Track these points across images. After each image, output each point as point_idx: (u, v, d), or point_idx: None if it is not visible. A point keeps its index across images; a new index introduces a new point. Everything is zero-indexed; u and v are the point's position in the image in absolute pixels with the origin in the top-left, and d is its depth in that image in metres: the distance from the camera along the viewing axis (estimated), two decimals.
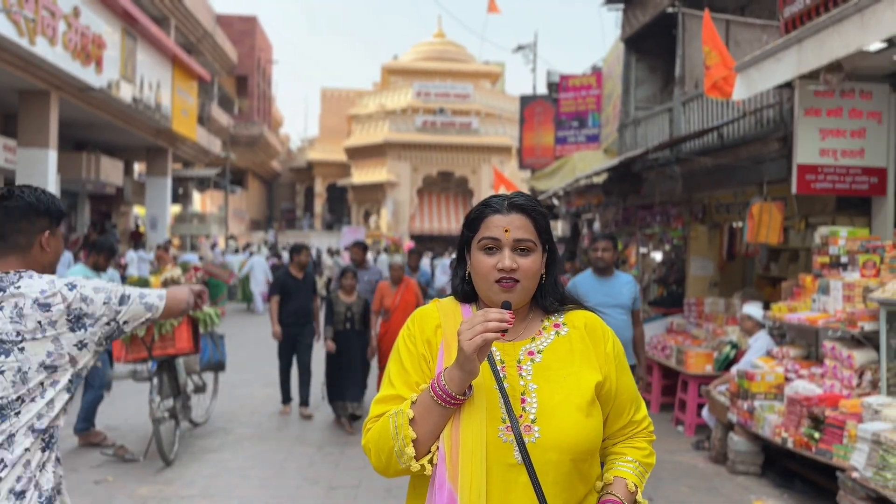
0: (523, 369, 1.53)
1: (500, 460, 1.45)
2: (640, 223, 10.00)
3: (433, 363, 1.56)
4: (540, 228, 1.57)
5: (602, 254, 4.79)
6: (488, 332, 1.38)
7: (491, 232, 1.54)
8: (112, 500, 4.72)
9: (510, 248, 1.53)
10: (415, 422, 1.45)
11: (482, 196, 34.06)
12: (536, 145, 16.14)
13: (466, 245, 1.61)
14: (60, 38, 12.37)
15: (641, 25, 10.28)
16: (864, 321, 4.71)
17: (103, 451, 5.68)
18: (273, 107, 41.32)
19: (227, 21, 31.06)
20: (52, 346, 1.89)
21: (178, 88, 19.83)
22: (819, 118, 6.01)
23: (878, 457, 4.06)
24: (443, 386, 1.43)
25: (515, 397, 1.50)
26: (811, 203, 6.84)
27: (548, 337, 1.58)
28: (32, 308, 1.87)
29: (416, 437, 1.45)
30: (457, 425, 1.45)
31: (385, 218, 36.13)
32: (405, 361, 1.57)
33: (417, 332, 1.59)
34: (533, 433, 1.46)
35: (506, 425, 1.46)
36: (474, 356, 1.39)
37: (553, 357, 1.55)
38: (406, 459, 1.45)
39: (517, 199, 1.58)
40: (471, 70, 40.47)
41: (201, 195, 32.47)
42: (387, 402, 1.54)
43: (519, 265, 1.52)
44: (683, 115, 8.73)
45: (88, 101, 14.96)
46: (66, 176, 15.60)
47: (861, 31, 4.63)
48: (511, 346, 1.56)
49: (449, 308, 1.62)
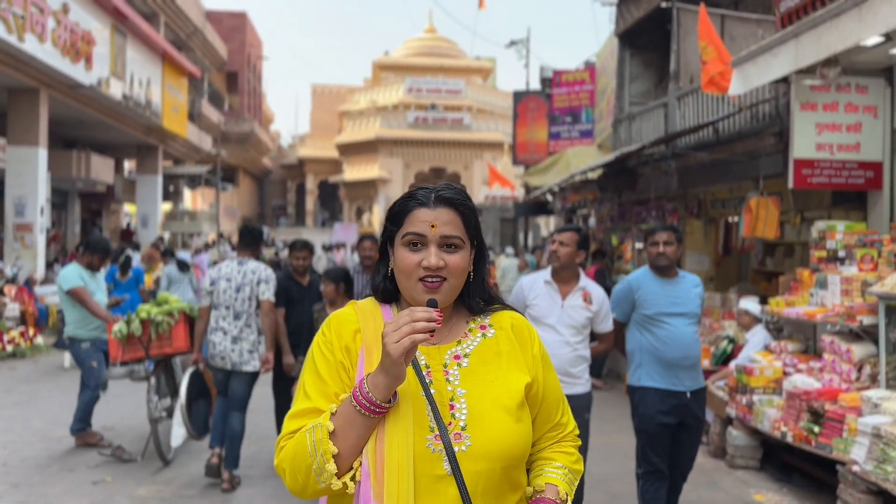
0: (450, 374, 1.43)
1: (427, 472, 1.34)
2: (635, 219, 10.02)
3: (353, 371, 1.43)
4: (468, 224, 1.47)
5: (664, 248, 3.88)
6: (416, 332, 1.29)
7: (416, 227, 1.43)
8: (111, 501, 4.68)
9: (437, 244, 1.42)
10: (335, 435, 1.33)
11: (475, 192, 34.07)
12: (530, 141, 16.14)
13: (389, 240, 1.50)
14: (50, 35, 12.26)
15: (635, 20, 10.28)
16: (862, 315, 4.73)
17: (101, 451, 5.63)
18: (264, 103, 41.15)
19: (216, 17, 30.90)
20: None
21: (168, 85, 19.71)
22: (815, 113, 6.02)
23: (878, 450, 4.08)
24: (366, 394, 1.32)
25: (443, 404, 1.39)
26: (807, 198, 6.86)
27: (474, 339, 1.49)
28: (252, 274, 4.96)
29: (337, 451, 1.32)
30: (381, 437, 1.34)
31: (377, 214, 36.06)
32: (322, 371, 1.43)
33: (334, 338, 1.46)
34: (463, 441, 1.37)
35: (434, 434, 1.36)
36: (401, 360, 1.29)
37: (480, 360, 1.46)
38: (326, 477, 1.32)
39: (445, 192, 1.47)
40: (462, 66, 40.44)
41: (192, 192, 32.31)
42: (303, 416, 1.40)
43: (446, 263, 1.42)
44: (678, 111, 8.74)
45: (78, 99, 14.85)
46: (56, 174, 15.48)
47: (859, 26, 4.64)
48: (436, 349, 1.46)
49: (368, 310, 1.50)
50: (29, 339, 10.28)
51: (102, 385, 5.96)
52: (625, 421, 7.06)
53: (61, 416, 6.61)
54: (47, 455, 5.64)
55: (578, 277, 3.98)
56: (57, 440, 6.01)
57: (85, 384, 5.92)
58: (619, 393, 8.41)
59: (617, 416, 7.19)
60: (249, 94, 35.31)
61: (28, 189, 13.32)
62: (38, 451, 5.75)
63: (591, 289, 3.99)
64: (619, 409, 7.61)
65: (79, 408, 5.87)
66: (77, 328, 5.91)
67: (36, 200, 13.36)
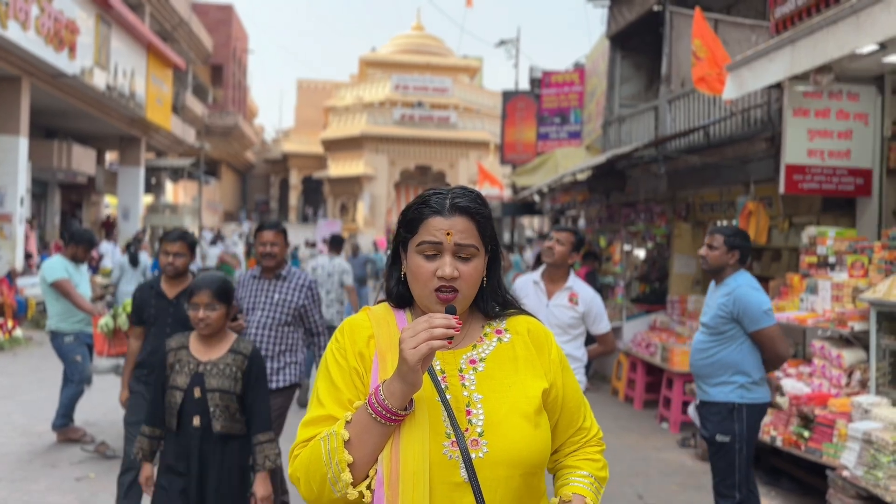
0: (466, 379, 1.42)
1: (444, 480, 1.32)
2: (623, 220, 10.04)
3: (367, 377, 1.41)
4: (484, 232, 1.45)
5: (706, 251, 3.73)
6: (434, 339, 1.26)
7: (431, 236, 1.40)
8: (96, 498, 4.59)
9: (451, 253, 1.40)
10: (350, 443, 1.31)
11: None
12: (518, 141, 16.14)
13: (403, 245, 1.48)
14: (33, 23, 12.04)
15: (627, 23, 10.30)
16: (853, 321, 4.76)
17: (84, 447, 5.53)
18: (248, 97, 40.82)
19: (202, 9, 30.59)
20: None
21: (152, 76, 19.47)
22: (807, 119, 6.05)
23: (868, 456, 4.11)
24: (381, 401, 1.30)
25: (460, 409, 1.38)
26: (796, 203, 6.90)
27: (489, 344, 1.48)
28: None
29: (352, 460, 1.30)
30: (397, 444, 1.32)
31: (361, 211, 35.93)
32: (335, 377, 1.41)
33: (348, 345, 1.44)
34: (480, 448, 1.34)
35: (451, 441, 1.34)
36: (418, 366, 1.26)
37: (496, 365, 1.44)
38: (342, 487, 1.30)
39: (460, 201, 1.43)
40: (449, 64, 40.41)
41: (174, 186, 31.96)
42: (316, 424, 1.39)
43: (460, 273, 1.40)
44: (669, 114, 8.77)
45: (61, 88, 14.61)
46: (36, 164, 15.23)
47: (856, 33, 4.66)
48: (451, 354, 1.44)
49: (381, 316, 1.49)
50: (8, 331, 10.09)
51: (87, 379, 5.85)
52: (611, 422, 7.08)
53: (43, 410, 6.48)
54: (29, 450, 5.52)
55: (567, 278, 4.02)
56: (38, 435, 5.89)
57: (68, 379, 5.80)
58: (605, 394, 8.44)
59: (604, 417, 7.21)
60: (234, 88, 35.00)
61: (8, 179, 13.09)
62: (19, 446, 5.63)
63: (580, 289, 4.02)
64: (607, 409, 7.63)
65: (62, 403, 5.75)
66: (60, 321, 5.79)
67: (16, 190, 13.12)
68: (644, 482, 5.33)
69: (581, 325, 4.01)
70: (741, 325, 3.61)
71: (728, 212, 7.97)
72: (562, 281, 4.00)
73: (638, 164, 9.05)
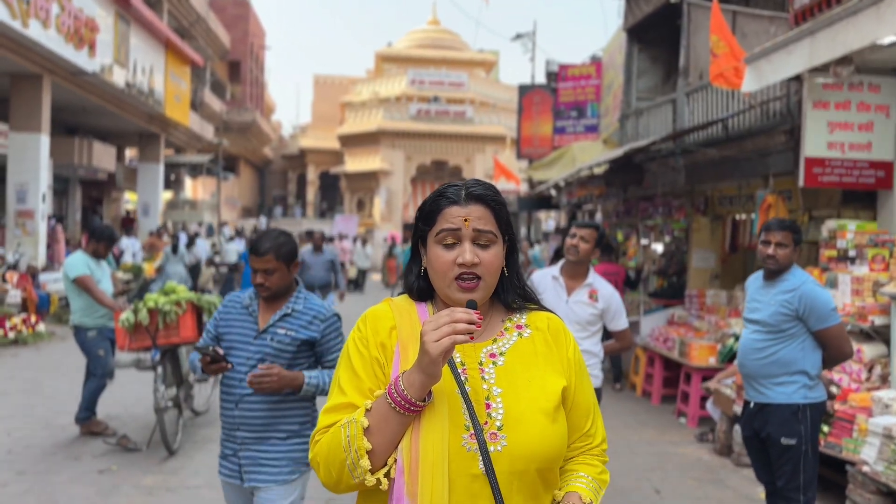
0: (485, 372, 1.43)
1: (463, 471, 1.34)
2: (641, 214, 9.99)
3: (388, 367, 1.43)
4: (500, 219, 1.46)
5: (775, 250, 3.45)
6: (457, 332, 1.28)
7: (449, 223, 1.43)
8: (117, 490, 4.67)
9: (470, 240, 1.42)
10: (370, 431, 1.33)
11: None
12: (534, 135, 16.08)
13: (422, 239, 1.50)
14: (53, 21, 12.18)
15: (644, 15, 10.22)
16: (874, 315, 4.72)
17: (106, 440, 5.62)
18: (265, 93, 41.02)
19: (220, 5, 30.75)
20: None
21: (171, 73, 19.62)
22: (827, 111, 5.98)
23: (889, 451, 4.07)
24: (401, 391, 1.32)
25: (479, 402, 1.39)
26: (816, 196, 6.83)
27: (510, 338, 1.49)
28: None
29: (371, 448, 1.33)
30: (416, 434, 1.34)
31: (378, 206, 36.00)
32: (357, 366, 1.44)
33: (370, 334, 1.47)
34: (499, 441, 1.36)
35: (469, 433, 1.35)
36: (439, 359, 1.28)
37: (516, 359, 1.46)
38: (360, 473, 1.33)
39: (475, 189, 1.46)
40: (465, 58, 40.27)
41: (193, 182, 32.23)
42: (337, 411, 1.41)
43: (480, 259, 1.41)
44: (687, 107, 8.70)
45: (81, 86, 14.78)
46: (58, 161, 15.42)
47: (877, 24, 4.59)
48: (471, 347, 1.45)
49: (403, 308, 1.50)
50: (31, 325, 10.26)
51: (109, 374, 5.94)
52: (628, 417, 7.07)
53: (66, 403, 6.59)
54: (52, 443, 5.62)
55: (587, 274, 3.99)
56: (62, 428, 5.99)
57: (91, 372, 5.90)
58: (626, 390, 8.41)
59: (621, 412, 7.19)
60: (251, 84, 35.18)
61: (30, 176, 13.27)
62: (42, 438, 5.73)
63: (599, 286, 3.99)
64: (624, 404, 7.61)
65: (84, 396, 5.84)
66: (83, 316, 5.88)
67: (38, 187, 13.30)
68: (661, 477, 5.32)
69: (599, 322, 4.00)
70: (805, 323, 3.44)
71: (747, 205, 7.90)
72: (582, 277, 3.97)
73: (655, 158, 8.99)
